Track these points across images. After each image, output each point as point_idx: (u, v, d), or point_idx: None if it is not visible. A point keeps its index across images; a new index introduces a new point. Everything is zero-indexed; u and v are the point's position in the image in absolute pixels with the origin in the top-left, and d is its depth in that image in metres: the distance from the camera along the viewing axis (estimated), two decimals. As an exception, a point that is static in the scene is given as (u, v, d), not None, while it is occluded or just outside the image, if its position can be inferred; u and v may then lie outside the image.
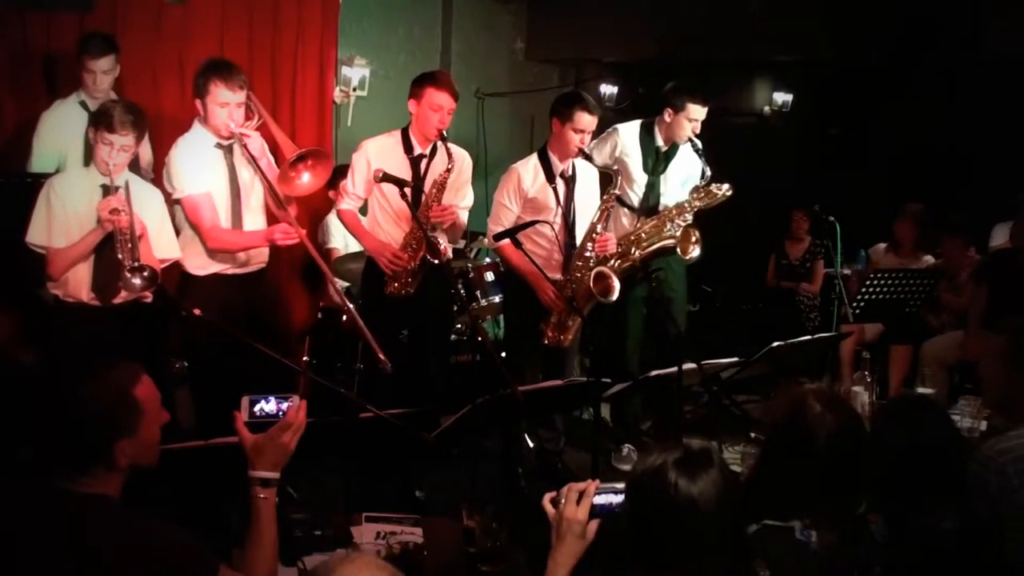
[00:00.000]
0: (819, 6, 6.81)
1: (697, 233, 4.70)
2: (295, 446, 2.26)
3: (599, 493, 2.06)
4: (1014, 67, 6.66)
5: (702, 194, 4.70)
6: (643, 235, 4.72)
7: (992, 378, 2.86)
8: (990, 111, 7.10)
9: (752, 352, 4.37)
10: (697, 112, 4.70)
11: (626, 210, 4.87)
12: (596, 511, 2.06)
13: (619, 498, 2.04)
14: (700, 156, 4.74)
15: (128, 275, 3.69)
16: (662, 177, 4.85)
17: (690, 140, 4.76)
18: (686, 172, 4.87)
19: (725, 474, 1.86)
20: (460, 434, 3.54)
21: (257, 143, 4.10)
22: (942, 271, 5.76)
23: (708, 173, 4.74)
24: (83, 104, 4.52)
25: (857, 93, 8.01)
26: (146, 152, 4.67)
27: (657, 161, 4.84)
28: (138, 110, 3.94)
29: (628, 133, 4.86)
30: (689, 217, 4.72)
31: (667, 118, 4.76)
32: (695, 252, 4.72)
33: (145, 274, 3.69)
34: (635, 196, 4.85)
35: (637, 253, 4.69)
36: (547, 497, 2.10)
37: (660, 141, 4.83)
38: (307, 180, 4.18)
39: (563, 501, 2.06)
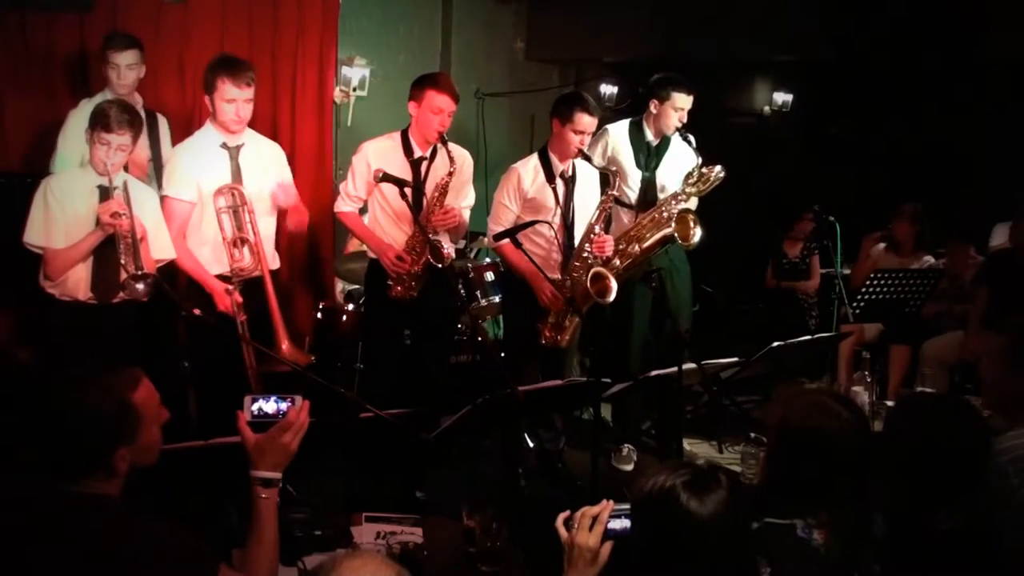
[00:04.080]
0: (819, 6, 6.81)
1: (694, 216, 4.63)
2: (297, 447, 2.27)
3: (613, 516, 2.02)
4: (1014, 67, 6.66)
5: (695, 179, 4.66)
6: (643, 230, 4.70)
7: (992, 378, 2.86)
8: (990, 111, 7.10)
9: (752, 352, 4.37)
10: (683, 101, 4.68)
11: (625, 209, 4.86)
12: (609, 534, 2.02)
13: None
14: (691, 146, 4.68)
15: (131, 281, 3.70)
16: (657, 172, 4.83)
17: (679, 131, 4.74)
18: (681, 165, 4.83)
19: (733, 491, 1.86)
20: (460, 434, 3.54)
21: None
22: (943, 272, 5.76)
23: (700, 161, 4.67)
24: None
25: (857, 93, 8.00)
26: (143, 151, 4.66)
27: (649, 156, 4.83)
28: (134, 110, 3.94)
29: (618, 132, 4.85)
30: (687, 204, 4.68)
31: (653, 110, 4.75)
32: (696, 237, 4.64)
33: (148, 280, 3.70)
34: (632, 193, 4.83)
35: (638, 248, 4.67)
36: (560, 518, 2.07)
37: (650, 136, 4.81)
38: None
39: (576, 526, 2.03)
